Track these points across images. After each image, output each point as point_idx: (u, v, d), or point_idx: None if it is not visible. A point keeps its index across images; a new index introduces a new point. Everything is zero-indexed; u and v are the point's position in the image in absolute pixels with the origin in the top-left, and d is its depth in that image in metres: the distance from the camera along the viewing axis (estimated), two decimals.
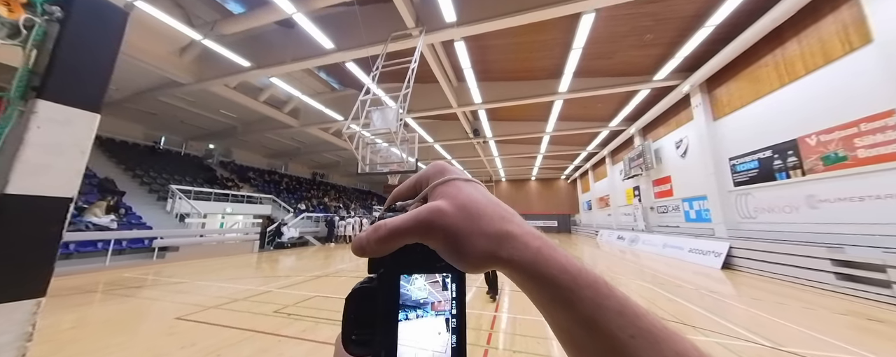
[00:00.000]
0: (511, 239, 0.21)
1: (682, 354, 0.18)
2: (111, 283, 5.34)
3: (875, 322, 3.50)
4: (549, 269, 0.20)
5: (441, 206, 0.22)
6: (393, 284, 0.22)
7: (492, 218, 0.22)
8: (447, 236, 0.21)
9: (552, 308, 0.20)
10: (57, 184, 0.38)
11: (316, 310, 3.73)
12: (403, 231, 0.21)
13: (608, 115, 13.05)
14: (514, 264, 0.21)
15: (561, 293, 0.19)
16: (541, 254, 0.21)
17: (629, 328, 0.18)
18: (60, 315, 3.53)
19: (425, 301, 0.22)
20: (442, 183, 0.24)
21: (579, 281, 0.20)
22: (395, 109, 6.87)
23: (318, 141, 16.74)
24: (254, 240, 11.00)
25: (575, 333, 0.19)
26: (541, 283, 0.20)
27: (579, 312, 0.19)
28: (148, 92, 10.50)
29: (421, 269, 0.22)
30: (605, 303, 0.19)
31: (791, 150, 6.41)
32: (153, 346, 2.69)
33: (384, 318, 0.21)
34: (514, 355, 2.46)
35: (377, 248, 0.21)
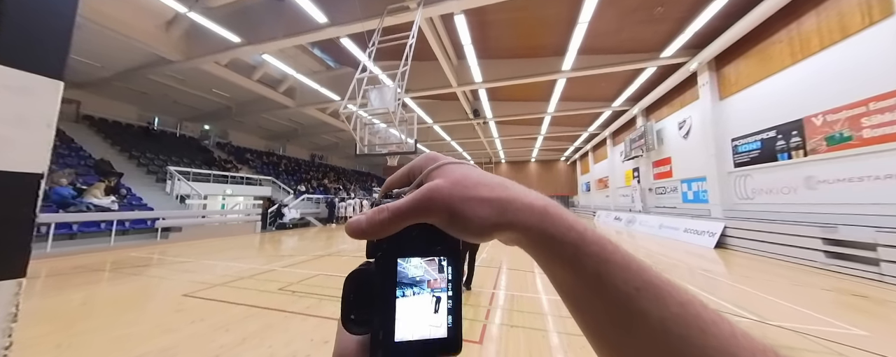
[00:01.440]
0: (513, 202, 0.21)
1: (685, 304, 0.18)
2: (118, 262, 5.45)
3: (859, 298, 3.64)
4: (556, 229, 0.20)
5: (437, 183, 0.22)
6: (390, 266, 0.22)
7: (490, 186, 0.22)
8: (448, 209, 0.21)
9: (558, 265, 0.20)
10: (23, 159, 0.35)
11: (320, 287, 3.84)
12: (405, 211, 0.21)
13: (611, 95, 12.76)
14: (519, 227, 0.20)
15: (566, 250, 0.20)
16: (547, 214, 0.21)
17: (634, 281, 0.18)
18: (69, 293, 3.63)
19: (421, 279, 0.22)
20: (435, 168, 0.24)
21: (586, 238, 0.20)
22: (393, 88, 6.67)
23: (316, 122, 16.46)
24: (256, 221, 11.14)
25: (580, 289, 0.20)
26: (547, 243, 0.20)
27: (585, 268, 0.19)
28: (136, 70, 10.13)
29: (418, 252, 0.23)
30: (610, 258, 0.19)
31: (795, 131, 6.33)
32: (163, 321, 2.79)
33: (382, 299, 0.22)
34: (512, 329, 2.57)
35: (380, 230, 0.21)
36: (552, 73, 9.81)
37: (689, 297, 0.18)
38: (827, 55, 5.74)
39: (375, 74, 8.14)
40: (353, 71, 7.79)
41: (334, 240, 9.02)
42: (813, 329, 2.68)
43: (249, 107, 14.34)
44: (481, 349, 2.19)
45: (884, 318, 3.03)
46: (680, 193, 10.85)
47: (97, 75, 10.76)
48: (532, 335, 2.45)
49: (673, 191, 11.36)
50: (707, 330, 0.17)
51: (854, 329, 2.69)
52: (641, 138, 12.83)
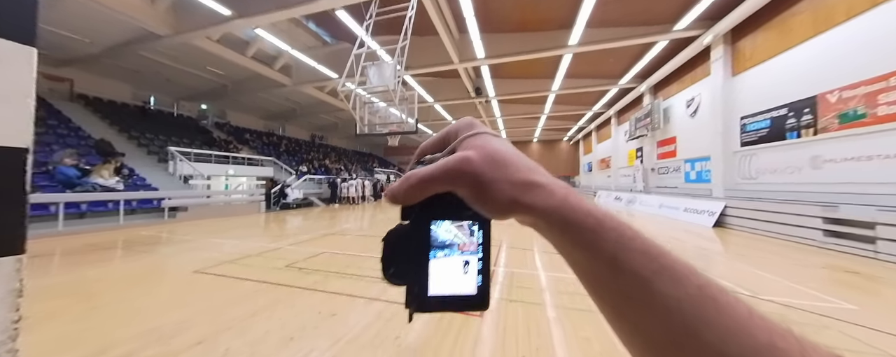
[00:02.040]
0: (536, 187, 0.21)
1: (703, 287, 0.18)
2: (129, 240, 5.61)
3: (851, 274, 3.72)
4: (574, 215, 0.20)
5: (469, 155, 0.22)
6: (424, 228, 0.24)
7: (518, 167, 0.22)
8: (474, 183, 0.22)
9: (575, 249, 0.21)
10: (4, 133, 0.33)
11: (325, 264, 3.96)
12: (433, 179, 0.22)
13: (619, 72, 12.30)
14: (537, 210, 0.21)
15: (585, 235, 0.20)
16: (566, 201, 0.21)
17: (652, 265, 0.19)
18: (84, 270, 3.77)
19: (452, 242, 0.24)
20: (470, 136, 0.24)
21: (604, 224, 0.20)
22: (393, 65, 6.44)
23: (314, 101, 16.13)
24: (260, 201, 11.30)
25: (597, 273, 0.20)
26: (565, 228, 0.21)
27: (603, 252, 0.19)
28: (125, 46, 9.78)
29: (449, 216, 0.24)
30: (629, 244, 0.19)
31: (808, 108, 6.14)
32: (176, 295, 2.92)
33: (416, 257, 0.24)
34: (511, 304, 2.67)
35: (408, 196, 0.23)
36: (558, 47, 9.39)
37: (706, 280, 0.18)
38: (851, 26, 5.41)
39: (373, 50, 7.81)
40: (350, 47, 7.47)
41: (338, 219, 9.18)
42: (803, 304, 2.77)
43: (246, 85, 14.00)
44: (481, 322, 2.29)
45: (873, 293, 3.12)
46: (683, 173, 10.79)
47: (86, 51, 10.42)
48: (530, 309, 2.55)
49: (676, 171, 11.30)
50: (723, 311, 0.17)
51: (843, 303, 2.78)
52: (647, 117, 12.54)
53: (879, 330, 2.27)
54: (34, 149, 1.68)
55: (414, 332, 2.13)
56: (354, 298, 2.77)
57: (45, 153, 7.65)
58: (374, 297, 2.75)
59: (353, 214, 10.62)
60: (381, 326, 2.23)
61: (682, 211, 8.85)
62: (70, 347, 1.98)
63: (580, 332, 2.15)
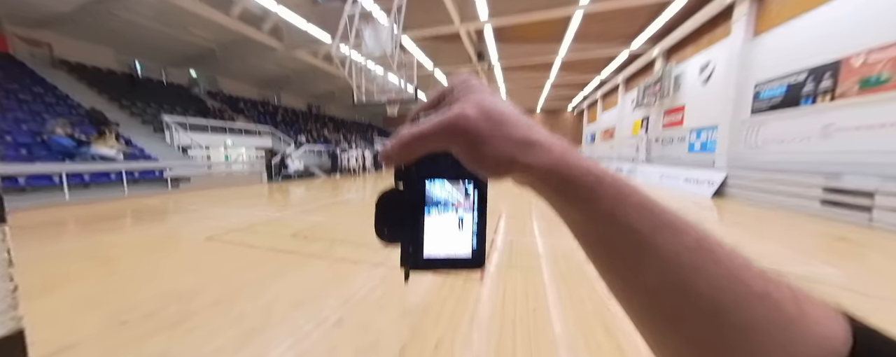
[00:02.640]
0: (535, 145, 0.21)
1: (701, 240, 0.18)
2: (137, 209, 5.74)
3: (842, 241, 3.83)
4: (572, 172, 0.20)
5: (465, 110, 0.21)
6: (419, 188, 0.23)
7: (516, 125, 0.21)
8: (469, 140, 0.20)
9: (572, 206, 0.20)
10: None
11: (330, 233, 4.09)
12: (427, 135, 0.21)
13: (631, 33, 11.48)
14: (535, 170, 0.20)
15: (581, 192, 0.19)
16: (564, 158, 0.20)
17: (651, 221, 0.18)
18: (99, 237, 3.90)
19: (447, 200, 0.24)
20: (468, 91, 0.23)
21: (603, 180, 0.19)
22: (389, 26, 5.99)
23: (309, 68, 15.36)
24: (261, 171, 11.34)
25: (593, 229, 0.20)
26: (562, 186, 0.20)
27: (600, 208, 0.19)
28: (98, 3, 9.05)
29: (444, 175, 0.24)
30: (626, 199, 0.19)
31: (830, 72, 5.82)
32: (191, 260, 3.05)
33: (410, 217, 0.23)
34: (510, 269, 2.79)
35: (401, 154, 0.22)
36: (569, 4, 8.65)
37: (705, 233, 0.18)
38: None
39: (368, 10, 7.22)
40: (342, 5, 6.88)
41: (340, 190, 9.29)
42: (791, 269, 2.89)
43: (235, 50, 13.23)
44: (481, 286, 2.41)
45: (859, 258, 3.24)
46: (687, 143, 10.63)
47: (59, 10, 9.68)
48: (528, 274, 2.67)
49: (680, 140, 11.11)
50: (720, 262, 0.17)
51: (825, 267, 2.90)
52: (657, 84, 12.00)
53: (862, 293, 2.39)
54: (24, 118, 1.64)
55: (418, 295, 2.25)
56: (359, 264, 2.89)
57: (36, 123, 7.50)
58: (378, 263, 2.87)
59: (354, 185, 10.71)
60: (387, 289, 2.35)
61: (682, 181, 8.88)
62: (95, 306, 2.11)
63: (574, 294, 2.27)
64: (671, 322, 0.18)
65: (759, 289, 0.16)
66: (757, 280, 0.16)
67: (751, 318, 0.15)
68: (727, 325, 0.16)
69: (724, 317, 0.16)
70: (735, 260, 0.17)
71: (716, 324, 0.16)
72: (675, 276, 0.17)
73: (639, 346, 1.67)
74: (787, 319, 0.15)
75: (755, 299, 0.16)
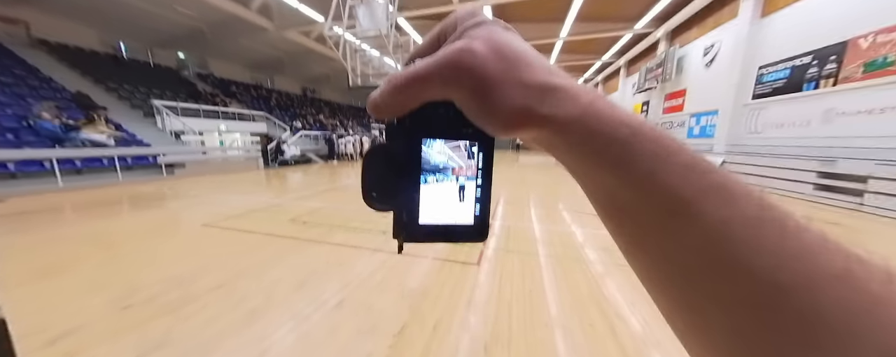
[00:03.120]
0: (557, 91, 0.16)
1: (766, 208, 0.14)
2: (133, 196, 5.70)
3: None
4: (603, 124, 0.16)
5: (472, 45, 0.17)
6: (414, 147, 0.20)
7: (534, 67, 0.17)
8: (476, 83, 0.16)
9: (600, 166, 0.16)
10: None
11: (328, 218, 4.10)
12: (424, 77, 0.17)
13: (636, 13, 11.09)
14: (557, 123, 0.16)
15: (613, 149, 0.15)
16: (593, 106, 0.16)
17: (700, 182, 0.15)
18: (98, 222, 3.89)
19: (445, 166, 0.20)
20: (474, 26, 0.18)
21: (640, 135, 0.15)
22: (384, 4, 5.72)
23: (302, 49, 14.82)
24: (257, 157, 11.22)
25: (625, 195, 0.16)
26: (588, 141, 0.16)
27: (635, 167, 0.15)
28: None
29: (444, 133, 0.20)
30: (670, 158, 0.15)
31: (835, 55, 5.72)
32: (189, 246, 3.06)
33: (405, 178, 0.20)
34: (507, 254, 2.83)
35: (394, 102, 0.18)
36: None
37: (768, 202, 0.14)
38: None
39: None
40: None
41: (337, 175, 9.25)
42: None
43: (224, 30, 12.67)
44: (479, 269, 2.45)
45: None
46: (686, 128, 10.58)
47: None
48: (525, 258, 2.72)
49: (679, 125, 11.06)
50: (789, 234, 0.13)
51: None
52: (659, 67, 11.76)
53: None
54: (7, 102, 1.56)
55: (417, 278, 2.29)
56: (359, 249, 2.92)
57: (21, 106, 7.27)
58: (377, 248, 2.90)
59: (352, 170, 10.66)
60: (386, 273, 2.39)
61: None
62: (99, 289, 2.13)
63: (570, 278, 2.32)
64: (713, 308, 0.14)
65: (837, 268, 0.13)
66: (836, 256, 0.13)
67: (822, 301, 0.12)
68: (789, 310, 0.12)
69: (786, 301, 0.12)
70: (807, 234, 0.13)
71: (773, 310, 0.13)
72: (725, 252, 0.14)
73: (632, 327, 1.73)
74: (872, 301, 0.12)
75: (830, 280, 0.12)
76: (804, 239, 0.13)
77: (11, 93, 7.71)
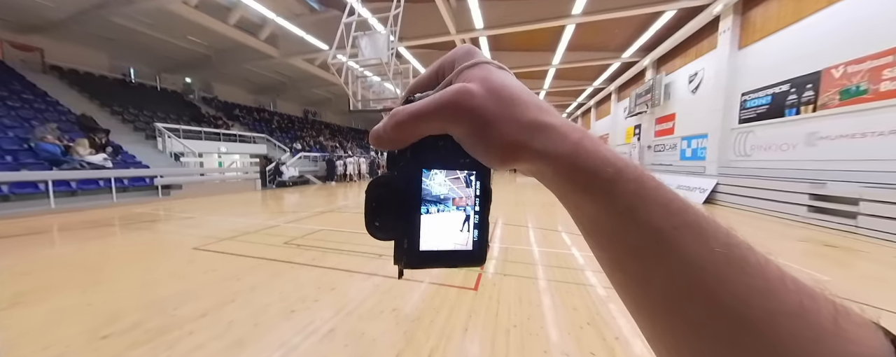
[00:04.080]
0: (548, 129, 0.18)
1: (731, 246, 0.16)
2: (125, 217, 5.61)
3: (830, 247, 3.90)
4: (590, 162, 0.17)
5: (469, 87, 0.19)
6: (415, 178, 0.21)
7: (527, 106, 0.19)
8: (474, 121, 0.18)
9: (586, 199, 0.18)
10: None
11: (323, 241, 4.03)
12: (424, 114, 0.18)
13: (623, 44, 11.81)
14: (547, 157, 0.18)
15: (599, 184, 0.17)
16: (581, 145, 0.18)
17: (673, 219, 0.16)
18: (84, 245, 3.79)
19: (446, 196, 0.21)
20: (470, 66, 0.20)
21: (624, 174, 0.17)
22: (386, 35, 6.08)
23: (305, 75, 15.43)
24: (255, 178, 11.22)
25: (607, 224, 0.17)
26: (576, 177, 0.17)
27: (617, 203, 0.17)
28: (94, 10, 9.05)
29: (443, 164, 0.21)
30: (650, 195, 0.17)
31: (811, 84, 6.04)
32: (177, 271, 2.97)
33: (406, 210, 0.21)
34: (505, 278, 2.77)
35: (395, 136, 0.19)
36: (561, 16, 8.89)
37: (737, 239, 0.16)
38: None
39: (365, 18, 7.33)
40: (339, 14, 6.98)
41: (335, 197, 9.21)
42: None
43: (231, 56, 13.26)
44: (476, 295, 2.39)
45: (848, 266, 3.29)
46: (678, 151, 10.83)
47: (52, 17, 9.65)
48: (523, 282, 2.66)
49: (672, 148, 11.33)
50: (750, 271, 0.15)
51: (817, 274, 2.93)
52: (648, 93, 12.29)
53: (851, 300, 2.42)
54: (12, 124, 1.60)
55: (411, 303, 2.22)
56: (352, 273, 2.85)
57: (24, 129, 7.36)
58: (371, 272, 2.83)
59: (349, 192, 10.64)
60: (379, 298, 2.31)
61: (674, 188, 8.93)
62: (77, 317, 2.04)
63: (568, 302, 2.26)
64: (687, 333, 0.16)
65: (792, 304, 0.14)
66: (791, 295, 0.15)
67: (779, 334, 0.14)
68: (751, 339, 0.14)
69: (748, 332, 0.14)
70: (768, 270, 0.15)
71: (738, 339, 0.14)
72: (696, 283, 0.15)
73: (635, 354, 1.66)
74: (819, 335, 0.14)
75: (786, 316, 0.14)
76: (766, 275, 0.15)
77: (16, 116, 7.85)
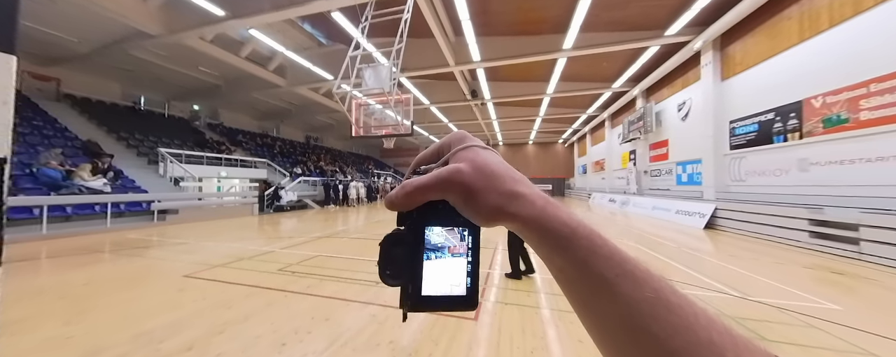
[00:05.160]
0: (520, 197, 0.24)
1: (658, 291, 0.21)
2: (117, 243, 5.48)
3: (838, 274, 3.82)
4: (551, 223, 0.23)
5: (460, 167, 0.25)
6: (419, 232, 0.26)
7: (504, 179, 0.25)
8: (464, 192, 0.24)
9: (552, 254, 0.23)
10: None
11: (320, 268, 3.93)
12: (427, 187, 0.25)
13: (612, 75, 12.49)
14: (520, 219, 0.24)
15: (560, 242, 0.23)
16: (545, 211, 0.24)
17: (615, 269, 0.21)
18: (71, 273, 3.67)
19: (443, 245, 0.26)
20: (462, 148, 0.27)
21: (578, 233, 0.23)
22: (388, 67, 6.44)
23: (309, 102, 16.02)
24: (253, 203, 11.15)
25: (569, 273, 0.23)
26: (544, 235, 0.23)
27: (575, 257, 0.22)
28: (115, 44, 9.61)
29: (442, 222, 0.26)
30: (597, 250, 0.22)
31: (794, 113, 6.32)
32: (166, 300, 2.86)
33: (411, 259, 0.26)
34: (506, 307, 2.67)
35: (404, 202, 0.25)
36: (553, 51, 9.50)
37: (663, 284, 0.21)
38: (835, 33, 5.59)
39: (369, 52, 7.81)
40: (345, 48, 7.46)
41: (332, 222, 9.11)
42: (791, 304, 2.83)
43: (239, 85, 13.85)
44: (477, 325, 2.29)
45: (857, 294, 3.20)
46: (675, 175, 10.97)
47: (75, 51, 10.22)
48: (525, 311, 2.56)
49: (668, 173, 11.48)
50: (673, 311, 0.20)
51: (828, 304, 2.85)
52: (640, 120, 12.74)
53: (863, 330, 2.33)
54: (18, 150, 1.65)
55: (408, 335, 2.12)
56: (349, 302, 2.75)
57: (29, 154, 7.45)
58: (368, 301, 2.73)
59: (348, 216, 10.53)
60: (376, 329, 2.21)
61: (674, 213, 8.98)
62: (57, 351, 1.92)
63: (574, 333, 2.16)
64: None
65: (704, 337, 0.19)
66: (703, 330, 0.19)
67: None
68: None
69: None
70: (686, 310, 0.20)
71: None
72: (636, 319, 0.20)
73: None
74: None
75: (699, 347, 0.18)
76: (683, 313, 0.20)
77: (23, 141, 7.99)
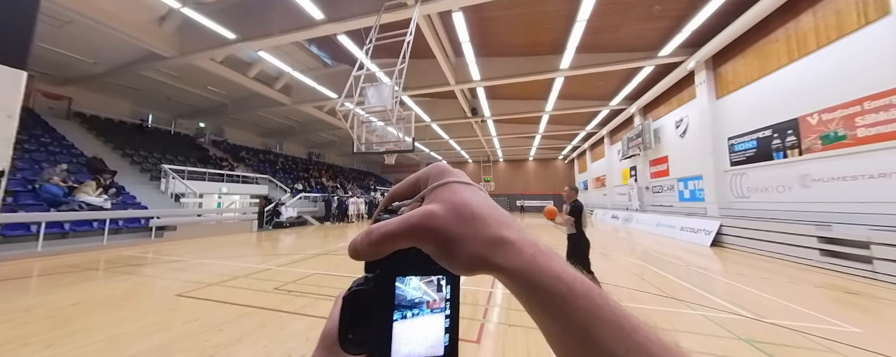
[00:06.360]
0: (506, 245, 0.20)
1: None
2: (111, 261, 5.38)
3: (852, 295, 3.68)
4: (543, 278, 0.19)
5: (433, 210, 0.21)
6: (388, 286, 0.22)
7: (487, 222, 0.21)
8: (438, 240, 0.20)
9: (546, 317, 0.19)
10: None
11: (316, 287, 3.81)
12: (394, 235, 0.21)
13: (609, 94, 12.77)
14: (506, 271, 0.20)
15: (554, 302, 0.19)
16: (535, 261, 0.20)
17: (625, 341, 0.18)
18: (62, 292, 3.57)
19: (420, 300, 0.22)
20: (439, 185, 0.23)
21: (574, 290, 0.19)
22: (391, 86, 6.61)
23: (313, 119, 16.33)
24: (252, 219, 11.06)
25: (569, 345, 0.19)
26: (534, 292, 0.19)
27: (573, 322, 0.18)
28: (129, 65, 9.97)
29: (416, 271, 0.22)
30: (599, 314, 0.18)
31: (791, 130, 6.37)
32: (157, 321, 2.75)
33: (379, 319, 0.21)
34: (509, 329, 2.56)
35: (371, 252, 0.21)
36: (550, 71, 9.78)
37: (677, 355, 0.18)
38: (824, 54, 5.77)
39: (372, 72, 8.07)
40: (349, 68, 7.72)
41: (331, 238, 8.98)
42: (808, 326, 2.70)
43: (245, 104, 14.20)
44: (479, 348, 2.18)
45: (876, 315, 3.06)
46: (677, 192, 10.90)
47: (89, 71, 10.59)
48: (530, 334, 2.45)
49: (670, 189, 11.42)
50: None
51: (848, 326, 2.72)
52: (639, 137, 12.87)
53: (886, 355, 2.21)
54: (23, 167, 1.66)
55: None
56: None
57: (33, 171, 7.51)
58: None
59: (347, 232, 10.40)
60: None
61: (678, 229, 8.84)
62: None
63: None
64: None
65: None
66: None
67: None
68: None
69: None
70: None
71: None
72: None
73: None
74: None
75: None
76: None
77: (29, 158, 8.08)
